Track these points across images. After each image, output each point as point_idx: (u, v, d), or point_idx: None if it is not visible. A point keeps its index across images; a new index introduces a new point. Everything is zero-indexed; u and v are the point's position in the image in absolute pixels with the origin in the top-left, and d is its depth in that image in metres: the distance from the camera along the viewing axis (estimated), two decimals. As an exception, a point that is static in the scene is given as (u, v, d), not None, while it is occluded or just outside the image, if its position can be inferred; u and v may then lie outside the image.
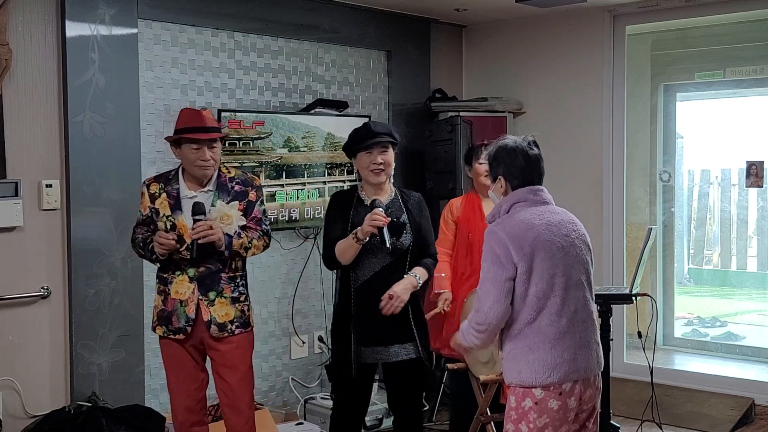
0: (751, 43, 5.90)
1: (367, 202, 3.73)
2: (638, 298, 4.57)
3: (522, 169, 3.03)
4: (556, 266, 2.92)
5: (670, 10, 5.57)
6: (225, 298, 3.66)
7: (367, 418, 4.97)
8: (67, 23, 4.23)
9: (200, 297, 3.62)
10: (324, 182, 5.21)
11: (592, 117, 5.81)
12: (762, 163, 5.62)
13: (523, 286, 2.90)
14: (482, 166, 4.54)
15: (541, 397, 2.90)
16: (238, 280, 3.71)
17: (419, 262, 3.79)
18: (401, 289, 3.66)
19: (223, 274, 3.66)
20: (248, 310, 3.75)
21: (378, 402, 5.02)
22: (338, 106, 5.35)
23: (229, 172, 3.73)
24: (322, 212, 5.10)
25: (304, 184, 5.09)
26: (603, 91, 5.77)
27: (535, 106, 6.07)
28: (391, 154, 3.74)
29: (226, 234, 3.56)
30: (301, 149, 5.08)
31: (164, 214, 3.62)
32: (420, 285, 3.76)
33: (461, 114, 5.71)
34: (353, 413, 3.84)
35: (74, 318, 4.29)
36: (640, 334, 4.79)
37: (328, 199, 5.12)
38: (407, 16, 5.87)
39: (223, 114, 4.72)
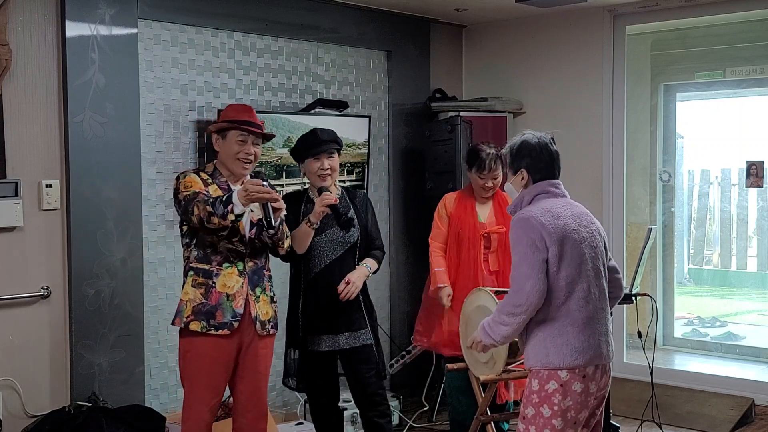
0: (751, 43, 5.90)
1: (316, 199, 3.92)
2: (638, 298, 4.57)
3: (546, 164, 3.18)
4: (582, 254, 3.03)
5: (670, 10, 5.57)
6: (267, 296, 3.66)
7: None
8: (67, 23, 4.23)
9: (249, 292, 3.57)
10: (324, 182, 5.20)
11: (592, 117, 5.81)
12: (762, 163, 5.62)
13: (553, 269, 2.98)
14: (484, 181, 4.54)
15: (567, 379, 2.97)
16: (272, 280, 3.74)
17: (369, 254, 4.08)
18: (356, 277, 3.95)
19: (265, 271, 3.66)
20: (278, 311, 3.75)
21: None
22: (338, 106, 5.35)
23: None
24: (322, 212, 5.11)
25: (304, 184, 5.08)
26: (603, 91, 5.76)
27: (535, 106, 6.07)
28: (336, 160, 4.01)
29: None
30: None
31: (219, 198, 3.50)
32: (371, 274, 4.04)
33: (461, 114, 5.71)
34: (323, 401, 4.12)
35: (74, 318, 4.29)
36: (640, 334, 4.79)
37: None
38: (407, 16, 5.87)
39: (223, 114, 4.71)
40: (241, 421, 3.69)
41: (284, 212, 3.60)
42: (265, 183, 3.51)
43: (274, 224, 3.49)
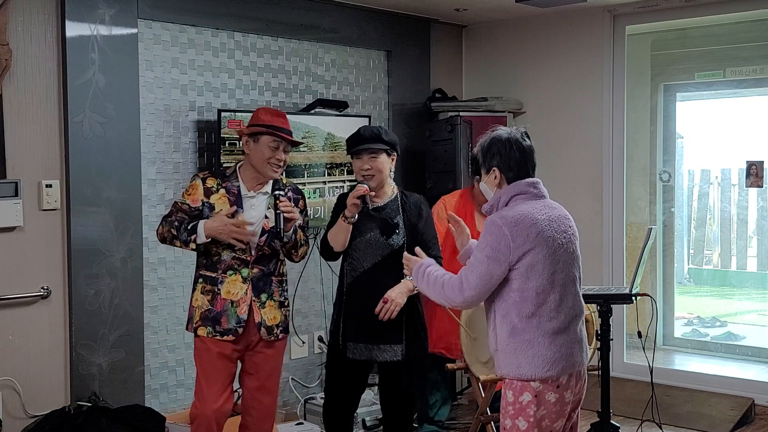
0: (751, 43, 5.90)
1: (367, 199, 3.78)
2: (638, 298, 4.56)
3: (518, 161, 3.04)
4: (556, 263, 2.92)
5: (670, 10, 5.57)
6: (274, 301, 3.67)
7: (367, 418, 4.99)
8: (67, 23, 4.23)
9: (253, 298, 3.60)
10: (324, 182, 5.21)
11: (592, 117, 5.81)
12: (762, 163, 5.62)
13: (522, 279, 2.89)
14: None
15: (540, 390, 2.91)
16: (284, 285, 3.75)
17: None
18: (396, 294, 3.71)
19: (273, 278, 3.68)
20: (289, 315, 3.78)
21: (377, 402, 5.02)
22: (338, 106, 5.35)
23: (282, 179, 3.76)
24: (322, 212, 5.11)
25: (304, 184, 5.09)
26: (603, 91, 5.77)
27: (535, 106, 6.07)
28: (382, 160, 3.80)
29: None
30: (301, 149, 5.08)
31: (221, 210, 3.56)
32: (417, 289, 3.75)
33: (461, 114, 5.71)
34: (341, 407, 3.94)
35: (74, 318, 4.29)
36: (640, 334, 4.78)
37: (328, 199, 5.14)
38: (407, 16, 5.87)
39: (223, 114, 4.72)
40: (247, 419, 3.75)
41: (300, 221, 3.65)
42: (282, 193, 3.59)
43: (283, 234, 3.55)
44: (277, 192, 3.59)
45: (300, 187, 5.02)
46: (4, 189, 4.08)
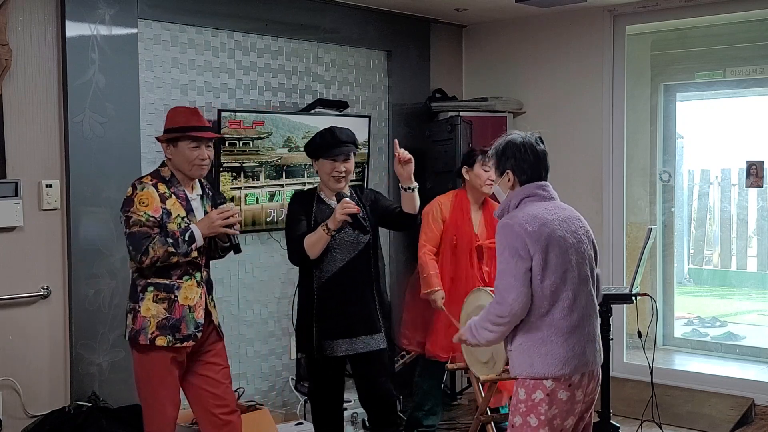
0: (751, 43, 5.90)
1: (328, 200, 3.87)
2: (638, 298, 4.57)
3: (531, 165, 3.09)
4: (568, 261, 2.97)
5: (670, 10, 5.57)
6: (213, 300, 3.70)
7: (365, 418, 4.98)
8: (67, 23, 4.23)
9: (207, 301, 3.60)
10: (324, 182, 5.20)
11: (592, 117, 5.81)
12: (762, 163, 5.62)
13: (537, 278, 2.94)
14: (487, 173, 4.54)
15: (552, 388, 2.95)
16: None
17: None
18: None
19: (212, 278, 3.70)
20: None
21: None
22: (338, 106, 5.35)
23: (204, 182, 3.72)
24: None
25: (304, 184, 5.09)
26: (603, 91, 5.77)
27: (535, 106, 6.07)
28: (353, 162, 3.91)
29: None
30: (301, 149, 5.08)
31: (178, 215, 3.49)
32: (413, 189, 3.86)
33: (461, 114, 5.71)
34: (329, 406, 4.01)
35: (74, 318, 4.29)
36: (640, 334, 4.79)
37: (328, 199, 5.14)
38: (407, 16, 5.87)
39: (223, 114, 4.72)
40: (215, 420, 3.64)
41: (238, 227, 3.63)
42: (228, 206, 3.56)
43: (234, 242, 3.56)
44: (222, 204, 3.56)
45: (299, 187, 5.06)
46: (4, 189, 4.08)
